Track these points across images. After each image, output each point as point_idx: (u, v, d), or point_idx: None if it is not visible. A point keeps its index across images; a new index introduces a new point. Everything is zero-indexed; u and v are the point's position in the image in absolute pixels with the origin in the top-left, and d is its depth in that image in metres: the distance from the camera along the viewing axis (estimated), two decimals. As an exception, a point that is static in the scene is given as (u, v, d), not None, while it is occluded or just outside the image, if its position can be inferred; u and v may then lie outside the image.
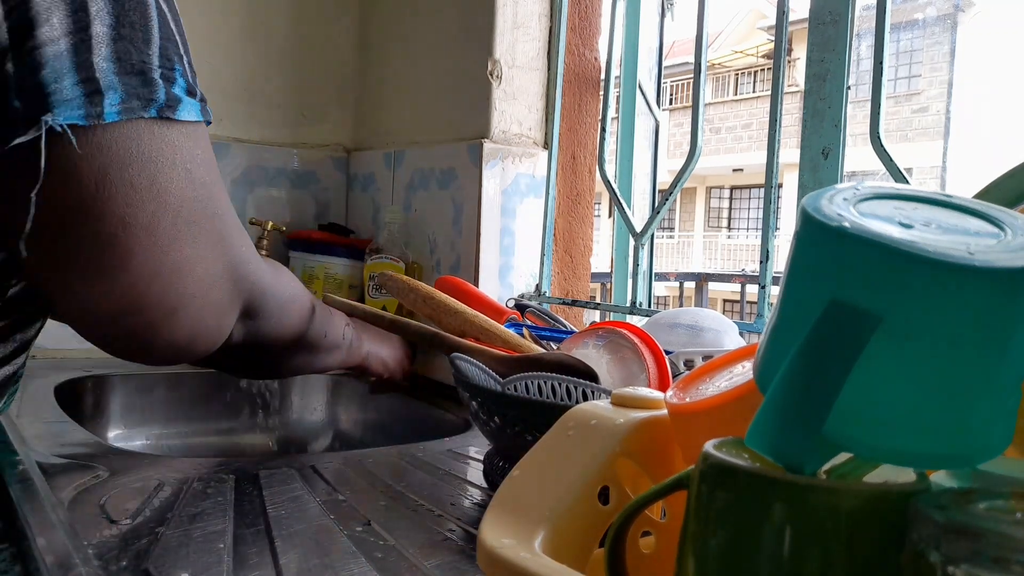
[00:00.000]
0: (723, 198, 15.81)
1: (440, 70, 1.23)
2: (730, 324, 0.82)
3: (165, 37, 0.53)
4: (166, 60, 0.53)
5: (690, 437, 0.38)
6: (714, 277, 8.37)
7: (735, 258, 14.76)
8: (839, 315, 0.26)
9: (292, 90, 1.41)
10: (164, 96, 0.53)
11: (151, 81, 0.52)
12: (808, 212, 0.28)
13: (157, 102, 0.52)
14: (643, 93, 1.19)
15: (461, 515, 0.62)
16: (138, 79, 0.51)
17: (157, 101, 0.52)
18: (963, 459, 0.28)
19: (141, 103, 0.51)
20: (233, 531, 0.56)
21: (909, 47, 11.55)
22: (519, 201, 1.15)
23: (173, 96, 0.54)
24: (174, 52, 0.54)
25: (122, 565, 0.49)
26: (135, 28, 0.51)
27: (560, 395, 0.63)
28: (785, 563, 0.27)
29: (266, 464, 0.72)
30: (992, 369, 0.27)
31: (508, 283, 1.14)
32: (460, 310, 0.75)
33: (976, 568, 0.23)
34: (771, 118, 0.87)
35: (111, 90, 0.50)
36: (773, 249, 0.87)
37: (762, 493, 0.28)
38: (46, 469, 0.67)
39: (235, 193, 1.35)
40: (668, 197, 1.02)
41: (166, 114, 0.53)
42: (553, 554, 0.32)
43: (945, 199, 0.31)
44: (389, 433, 1.14)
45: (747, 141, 13.46)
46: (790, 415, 0.27)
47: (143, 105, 0.51)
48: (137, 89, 0.51)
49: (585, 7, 1.20)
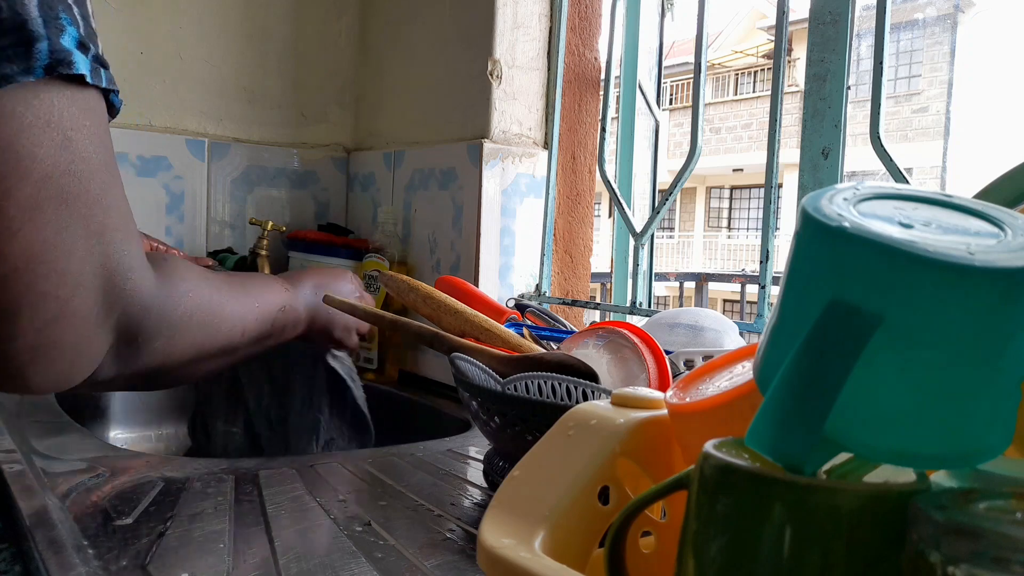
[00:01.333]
0: (723, 198, 15.81)
1: (440, 70, 1.23)
2: (730, 324, 0.82)
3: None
4: (49, 9, 0.44)
5: (690, 437, 0.38)
6: (714, 277, 8.37)
7: (735, 258, 14.76)
8: (839, 315, 0.26)
9: (292, 90, 1.41)
10: (47, 53, 0.44)
11: (30, 36, 0.43)
12: (808, 212, 0.28)
13: (39, 61, 0.44)
14: (643, 93, 1.19)
15: (461, 515, 0.62)
16: (10, 38, 0.43)
17: (39, 60, 0.44)
18: (963, 459, 0.28)
19: (19, 66, 0.43)
20: (233, 531, 0.56)
21: (909, 47, 11.55)
22: (519, 201, 1.15)
23: (61, 50, 0.45)
24: (59, 1, 0.45)
25: (122, 565, 0.49)
26: None
27: (560, 395, 0.63)
28: (785, 563, 0.27)
29: (266, 464, 0.72)
30: (992, 369, 0.27)
31: (508, 283, 1.14)
32: (460, 310, 0.75)
33: (976, 568, 0.23)
34: (771, 118, 0.87)
35: None
36: (773, 249, 0.87)
37: (762, 493, 0.28)
38: (46, 469, 0.67)
39: (235, 193, 1.35)
40: (668, 197, 1.02)
41: (58, 71, 0.44)
42: (553, 554, 0.32)
43: (945, 199, 0.31)
44: (389, 433, 1.14)
45: (747, 141, 13.46)
46: (790, 415, 0.27)
47: (22, 68, 0.43)
48: (8, 51, 0.43)
49: (585, 7, 1.20)
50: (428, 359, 1.20)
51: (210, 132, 1.33)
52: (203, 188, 1.32)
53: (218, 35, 1.33)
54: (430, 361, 1.20)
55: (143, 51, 1.26)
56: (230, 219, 1.35)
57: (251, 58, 1.36)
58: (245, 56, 1.36)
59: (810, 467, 0.28)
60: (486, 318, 0.75)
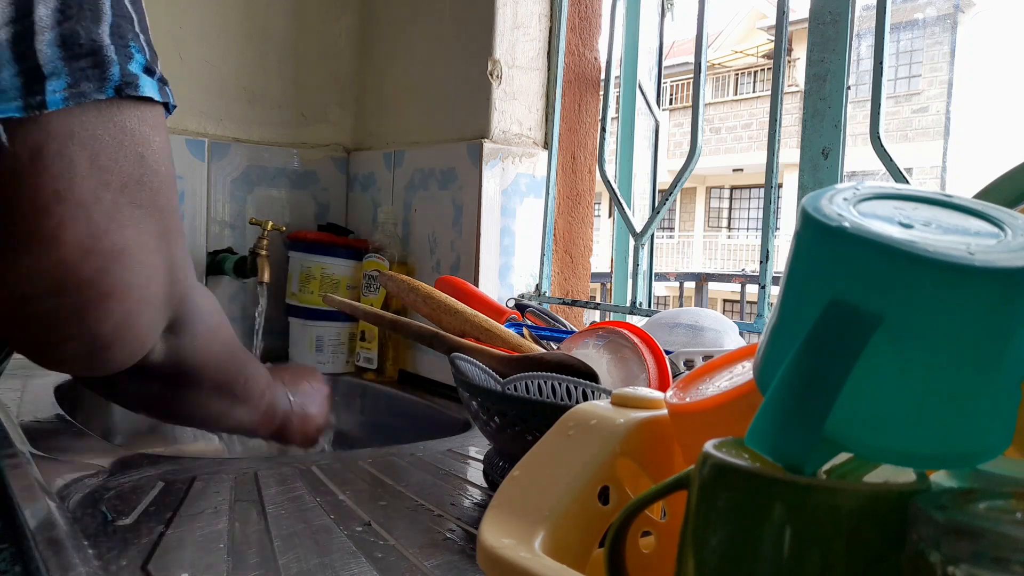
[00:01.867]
0: (723, 198, 15.81)
1: (440, 70, 1.23)
2: (730, 324, 0.82)
3: (119, 14, 0.50)
4: (120, 37, 0.50)
5: (690, 437, 0.38)
6: (714, 277, 8.37)
7: (735, 258, 14.75)
8: (839, 315, 0.26)
9: (292, 90, 1.41)
10: (119, 74, 0.50)
11: (105, 60, 0.49)
12: (808, 212, 0.28)
13: (112, 81, 0.49)
14: (643, 93, 1.19)
15: (461, 515, 0.62)
16: (88, 60, 0.48)
17: (112, 80, 0.49)
18: (963, 459, 0.28)
19: (94, 85, 0.49)
20: (233, 531, 0.56)
21: (909, 47, 11.55)
22: (519, 201, 1.15)
23: (129, 73, 0.50)
24: (128, 29, 0.51)
25: (122, 565, 0.49)
26: (83, 7, 0.48)
27: (560, 395, 0.63)
28: (785, 563, 0.27)
29: (266, 464, 0.72)
30: (992, 369, 0.27)
31: (508, 283, 1.14)
32: (460, 310, 0.75)
33: (976, 568, 0.23)
34: (771, 118, 0.87)
35: (55, 76, 0.47)
36: (773, 249, 0.87)
37: (762, 493, 0.28)
38: (46, 469, 0.67)
39: (235, 193, 1.35)
40: (668, 197, 1.02)
41: (126, 92, 0.50)
42: (553, 554, 0.32)
43: (945, 199, 0.31)
44: (389, 433, 1.14)
45: (747, 141, 13.46)
46: (790, 415, 0.27)
47: (97, 87, 0.49)
48: (87, 71, 0.48)
49: (585, 7, 1.20)
50: (428, 359, 1.20)
51: (210, 132, 1.33)
52: (203, 188, 1.32)
53: (218, 35, 1.33)
54: (430, 361, 1.20)
55: (143, 51, 1.26)
56: (230, 219, 1.35)
57: (251, 58, 1.36)
58: (245, 56, 1.36)
59: (810, 467, 0.28)
60: (486, 318, 0.75)
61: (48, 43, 0.47)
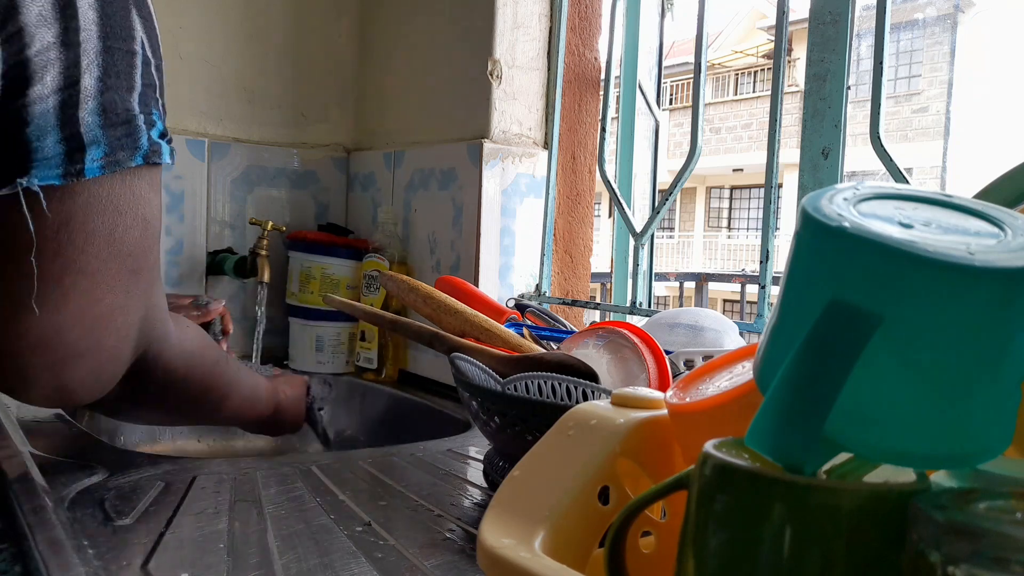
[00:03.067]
0: (723, 198, 15.80)
1: (440, 70, 1.23)
2: (730, 324, 0.82)
3: (147, 83, 0.52)
4: (145, 106, 0.52)
5: (690, 437, 0.38)
6: (714, 277, 8.37)
7: (735, 258, 14.75)
8: (839, 315, 0.26)
9: (292, 90, 1.41)
10: (147, 144, 0.52)
11: (136, 130, 0.51)
12: (808, 212, 0.28)
13: (142, 150, 0.52)
14: (643, 93, 1.19)
15: (461, 515, 0.62)
16: (123, 129, 0.50)
17: (142, 149, 0.52)
18: (963, 459, 0.28)
19: (127, 154, 0.51)
20: (233, 531, 0.56)
21: (909, 47, 11.55)
22: (519, 201, 1.15)
23: (155, 142, 0.53)
24: (152, 96, 0.53)
25: (122, 565, 0.49)
26: (120, 77, 0.50)
27: (560, 395, 0.63)
28: (785, 563, 0.27)
29: (266, 464, 0.72)
30: (992, 369, 0.27)
31: (508, 283, 1.14)
32: (460, 310, 0.75)
33: (976, 568, 0.23)
34: (771, 118, 0.87)
35: (95, 145, 0.49)
36: (773, 249, 0.87)
37: (762, 493, 0.28)
38: (46, 469, 0.67)
39: (235, 193, 1.35)
40: (668, 197, 1.02)
41: (152, 160, 0.52)
42: (553, 554, 0.32)
43: (945, 199, 0.31)
44: (389, 433, 1.14)
45: (747, 141, 13.46)
46: (790, 415, 0.27)
47: (129, 155, 0.51)
48: (122, 140, 0.50)
49: (585, 7, 1.20)
50: (428, 359, 1.20)
51: (210, 132, 1.33)
52: (203, 188, 1.32)
53: (218, 35, 1.33)
54: (430, 361, 1.20)
55: (143, 51, 1.26)
56: (230, 219, 1.35)
57: (251, 58, 1.36)
58: (245, 56, 1.36)
59: (810, 467, 0.28)
60: (486, 318, 0.75)
61: (91, 112, 0.48)
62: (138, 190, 0.53)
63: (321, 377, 0.95)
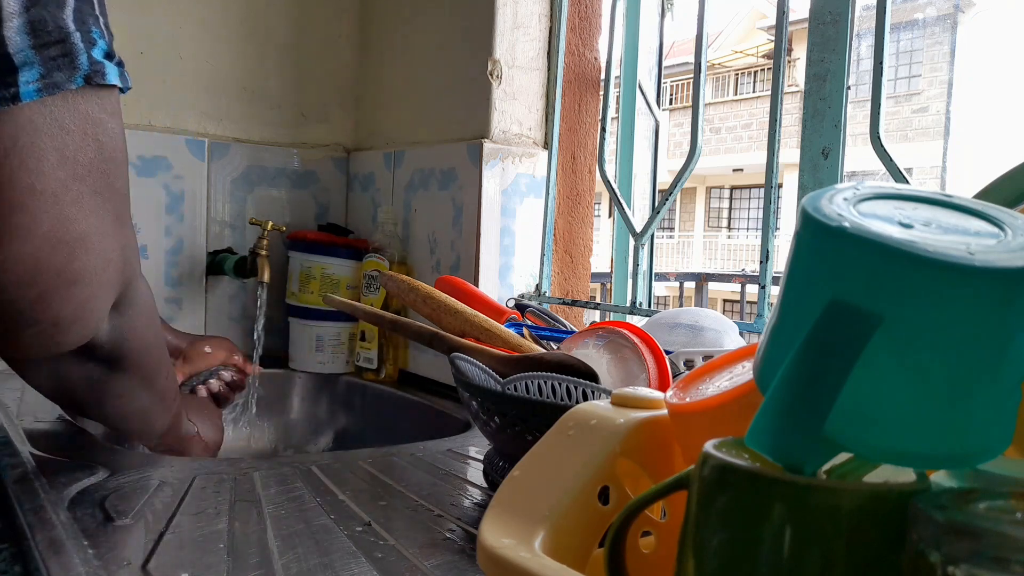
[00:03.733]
0: (723, 198, 15.80)
1: (440, 70, 1.23)
2: (730, 324, 0.82)
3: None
4: (82, 23, 0.49)
5: (690, 437, 0.38)
6: (714, 277, 8.37)
7: (735, 258, 14.75)
8: (839, 315, 0.26)
9: (292, 90, 1.41)
10: (88, 63, 0.50)
11: (73, 48, 0.49)
12: (808, 212, 0.28)
13: (81, 70, 0.49)
14: (643, 93, 1.19)
15: (461, 515, 0.62)
16: (57, 48, 0.48)
17: (81, 69, 0.49)
18: (963, 459, 0.28)
19: (65, 75, 0.48)
20: (233, 531, 0.56)
21: (909, 47, 11.55)
22: (519, 201, 1.15)
23: (96, 62, 0.50)
24: (89, 13, 0.50)
25: (122, 565, 0.49)
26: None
27: (560, 395, 0.63)
28: (785, 563, 0.27)
29: (266, 464, 0.72)
30: (992, 369, 0.27)
31: (508, 283, 1.14)
32: (460, 310, 0.75)
33: (976, 568, 0.23)
34: (771, 118, 0.87)
35: (27, 66, 0.47)
36: (773, 249, 0.87)
37: (762, 493, 0.28)
38: (46, 469, 0.67)
39: (235, 193, 1.35)
40: (668, 197, 1.02)
41: (95, 80, 0.50)
42: (553, 554, 0.32)
43: (945, 199, 0.31)
44: (389, 433, 1.14)
45: (747, 141, 13.46)
46: (790, 415, 0.27)
47: (68, 76, 0.49)
48: (57, 60, 0.48)
49: (585, 7, 1.20)
50: (428, 359, 1.20)
51: (210, 132, 1.33)
52: (203, 188, 1.32)
53: (218, 35, 1.33)
54: (430, 361, 1.20)
55: (143, 51, 1.26)
56: (230, 219, 1.35)
57: (251, 58, 1.36)
58: (245, 56, 1.36)
59: (810, 467, 0.28)
60: (486, 318, 0.75)
61: (17, 31, 0.46)
62: (85, 110, 0.51)
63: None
